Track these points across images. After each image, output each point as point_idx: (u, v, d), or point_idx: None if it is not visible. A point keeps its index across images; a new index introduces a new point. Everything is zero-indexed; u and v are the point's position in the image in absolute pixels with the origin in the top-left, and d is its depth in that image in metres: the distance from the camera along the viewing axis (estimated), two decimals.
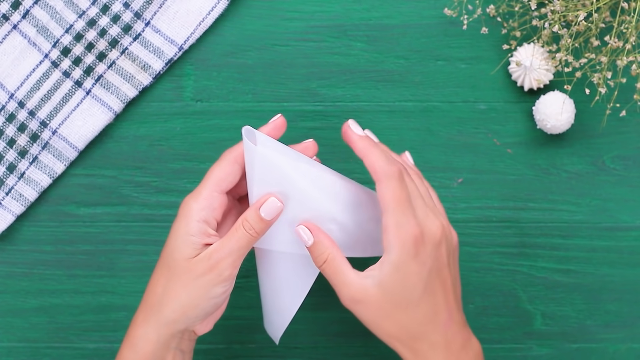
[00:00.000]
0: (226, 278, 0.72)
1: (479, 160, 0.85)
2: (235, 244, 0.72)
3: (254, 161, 0.71)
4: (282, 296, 0.76)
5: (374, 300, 0.71)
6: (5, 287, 0.86)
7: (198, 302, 0.72)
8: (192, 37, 0.85)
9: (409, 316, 0.71)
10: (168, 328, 0.73)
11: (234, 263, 0.72)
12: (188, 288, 0.72)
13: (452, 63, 0.85)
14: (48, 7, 0.84)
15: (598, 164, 0.85)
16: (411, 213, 0.71)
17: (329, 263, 0.72)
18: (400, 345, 0.72)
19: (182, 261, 0.72)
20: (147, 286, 0.75)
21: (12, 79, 0.85)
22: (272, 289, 0.77)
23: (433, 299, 0.71)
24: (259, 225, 0.72)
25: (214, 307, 0.73)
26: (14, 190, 0.85)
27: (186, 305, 0.72)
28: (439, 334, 0.72)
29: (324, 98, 0.85)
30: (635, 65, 0.79)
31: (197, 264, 0.72)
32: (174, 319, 0.73)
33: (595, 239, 0.85)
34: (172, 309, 0.73)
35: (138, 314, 0.74)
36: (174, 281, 0.72)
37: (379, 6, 0.85)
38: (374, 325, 0.72)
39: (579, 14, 0.78)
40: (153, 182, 0.86)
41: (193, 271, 0.72)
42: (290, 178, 0.71)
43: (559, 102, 0.82)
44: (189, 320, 0.73)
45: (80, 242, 0.86)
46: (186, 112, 0.86)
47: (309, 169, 0.72)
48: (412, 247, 0.70)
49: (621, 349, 0.86)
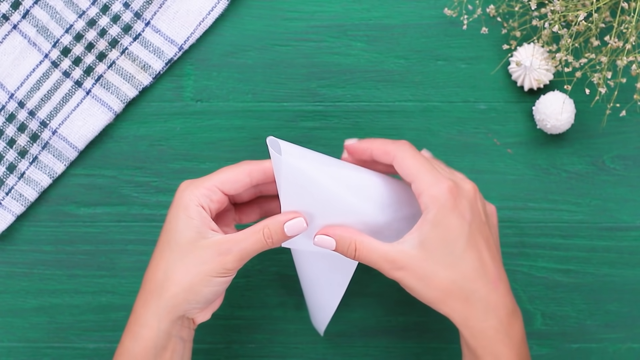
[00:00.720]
0: (229, 271, 0.72)
1: (479, 160, 0.85)
2: (250, 246, 0.72)
3: (280, 170, 0.71)
4: (323, 292, 0.77)
5: (416, 262, 0.69)
6: (5, 287, 0.86)
7: (200, 288, 0.72)
8: (192, 37, 0.85)
9: (455, 271, 0.69)
10: (168, 314, 0.73)
11: (242, 261, 0.72)
12: (191, 273, 0.72)
13: (452, 63, 0.85)
14: (48, 7, 0.84)
15: (598, 164, 0.85)
16: (440, 173, 0.71)
17: (359, 250, 0.71)
18: (452, 311, 0.70)
19: (185, 244, 0.72)
20: (146, 273, 0.74)
21: (12, 79, 0.85)
22: (312, 286, 0.77)
23: (478, 254, 0.70)
24: (278, 237, 0.72)
25: (214, 296, 0.73)
26: (14, 190, 0.85)
27: (187, 290, 0.72)
28: (491, 292, 0.70)
29: (324, 98, 0.85)
30: (635, 65, 0.79)
31: (204, 249, 0.72)
32: (174, 304, 0.72)
33: (595, 239, 0.85)
34: (173, 292, 0.72)
35: (137, 302, 0.74)
36: (177, 265, 0.72)
37: (379, 6, 0.85)
38: (423, 289, 0.70)
39: (579, 14, 0.78)
40: (153, 182, 0.86)
41: (198, 256, 0.72)
42: (318, 184, 0.71)
43: (559, 102, 0.82)
44: (189, 306, 0.73)
45: (80, 242, 0.86)
46: (186, 112, 0.86)
47: (337, 171, 0.72)
48: (449, 199, 0.69)
49: (621, 349, 0.86)
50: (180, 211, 0.72)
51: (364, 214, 0.72)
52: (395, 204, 0.74)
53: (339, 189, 0.71)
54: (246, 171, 0.74)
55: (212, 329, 0.86)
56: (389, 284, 0.86)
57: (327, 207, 0.72)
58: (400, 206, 0.74)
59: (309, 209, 0.72)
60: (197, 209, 0.72)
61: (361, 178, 0.73)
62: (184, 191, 0.73)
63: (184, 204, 0.72)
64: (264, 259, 0.86)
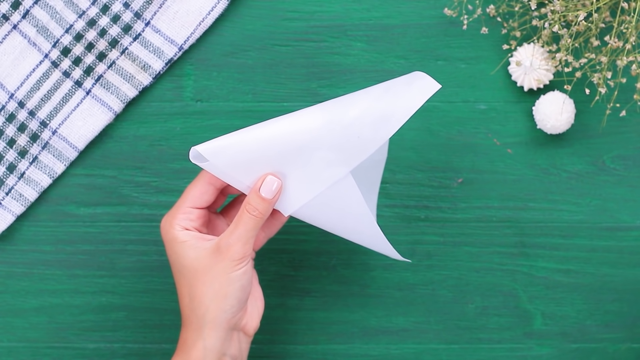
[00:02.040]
0: (240, 260, 0.73)
1: (479, 160, 0.85)
2: (242, 228, 0.73)
3: (218, 170, 0.73)
4: (357, 222, 0.76)
5: None
6: (5, 287, 0.86)
7: (225, 291, 0.73)
8: (192, 37, 0.85)
9: None
10: (210, 330, 0.73)
11: (244, 246, 0.73)
12: (208, 282, 0.73)
13: (452, 63, 0.85)
14: (48, 7, 0.84)
15: (598, 164, 0.85)
16: None
17: None
18: None
19: (192, 264, 0.73)
20: (179, 304, 0.76)
21: (12, 79, 0.85)
22: (345, 227, 0.76)
23: None
24: (262, 205, 0.73)
25: (242, 292, 0.74)
26: (14, 190, 0.85)
27: (215, 299, 0.73)
28: None
29: (324, 98, 0.85)
30: (635, 65, 0.79)
31: (208, 258, 0.73)
32: (212, 319, 0.73)
33: (596, 239, 0.85)
34: (205, 308, 0.73)
35: (181, 333, 0.75)
36: (195, 284, 0.73)
37: (379, 6, 0.85)
38: None
39: (579, 14, 0.78)
40: (153, 182, 0.86)
41: (207, 265, 0.73)
42: (255, 148, 0.72)
43: (559, 102, 0.82)
44: (227, 315, 0.73)
45: (80, 242, 0.86)
46: (186, 112, 0.86)
47: (262, 127, 0.73)
48: None
49: (621, 349, 0.86)
50: (172, 243, 0.74)
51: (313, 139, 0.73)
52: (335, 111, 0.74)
53: (273, 133, 0.72)
54: (206, 181, 0.75)
55: None
56: (388, 284, 0.86)
57: (275, 156, 0.73)
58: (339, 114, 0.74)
59: (266, 170, 0.73)
60: (183, 232, 0.74)
61: (286, 118, 0.73)
62: (164, 226, 0.75)
63: (171, 236, 0.74)
64: (264, 258, 0.86)
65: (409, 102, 0.72)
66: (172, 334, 0.86)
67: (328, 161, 0.73)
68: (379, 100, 0.73)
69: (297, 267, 0.85)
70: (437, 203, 0.85)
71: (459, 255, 0.85)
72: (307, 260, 0.81)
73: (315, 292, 0.83)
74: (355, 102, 0.73)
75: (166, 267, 0.86)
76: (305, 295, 0.80)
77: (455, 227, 0.85)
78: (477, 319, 0.86)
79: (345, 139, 0.73)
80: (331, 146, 0.73)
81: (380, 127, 0.72)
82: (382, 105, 0.73)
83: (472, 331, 0.85)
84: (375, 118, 0.72)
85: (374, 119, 0.72)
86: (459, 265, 0.85)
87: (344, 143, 0.73)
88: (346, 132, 0.73)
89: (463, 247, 0.85)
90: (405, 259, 0.79)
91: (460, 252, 0.85)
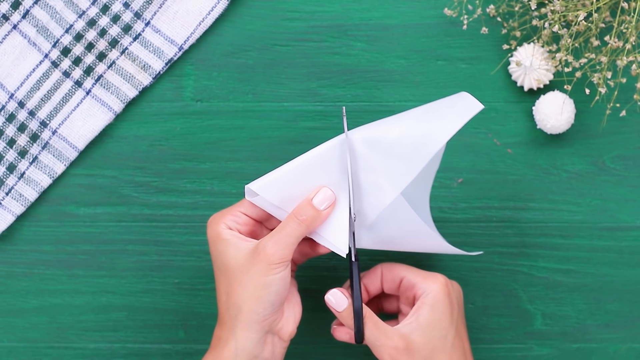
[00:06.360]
0: (277, 265, 0.73)
1: (479, 160, 0.85)
2: (284, 231, 0.73)
3: (271, 206, 0.75)
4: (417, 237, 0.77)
5: (417, 346, 0.74)
6: (5, 287, 0.86)
7: (259, 293, 0.73)
8: (192, 37, 0.85)
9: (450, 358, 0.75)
10: (242, 330, 0.74)
11: (283, 250, 0.73)
12: (244, 283, 0.73)
13: (452, 63, 0.85)
14: (48, 7, 0.84)
15: (598, 164, 0.85)
16: None
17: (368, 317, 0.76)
18: None
19: (231, 264, 0.74)
20: (216, 301, 0.76)
21: (12, 79, 0.85)
22: (406, 244, 0.77)
23: (462, 343, 0.76)
24: (311, 212, 0.74)
25: (277, 297, 0.74)
26: (14, 190, 0.85)
27: (249, 300, 0.73)
28: None
29: (324, 98, 0.85)
30: (635, 65, 0.79)
31: (246, 258, 0.73)
32: (243, 319, 0.73)
33: (596, 239, 0.85)
34: (238, 309, 0.73)
35: (215, 330, 0.76)
36: (232, 284, 0.74)
37: (379, 6, 0.85)
38: None
39: (579, 14, 0.78)
40: (153, 182, 0.86)
41: (244, 265, 0.73)
42: (298, 177, 0.74)
43: (559, 102, 0.82)
44: (258, 317, 0.73)
45: (81, 242, 0.86)
46: (186, 112, 0.86)
47: (307, 160, 0.74)
48: (445, 287, 0.76)
49: (621, 349, 0.86)
50: (215, 240, 0.75)
51: None
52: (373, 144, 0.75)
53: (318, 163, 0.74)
54: None
55: (213, 330, 0.86)
56: None
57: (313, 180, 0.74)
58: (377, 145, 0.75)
59: None
60: (227, 231, 0.75)
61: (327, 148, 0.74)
62: (211, 223, 0.76)
63: (215, 233, 0.75)
64: None
65: (450, 122, 0.73)
66: (172, 334, 0.86)
67: (377, 185, 0.74)
68: (420, 120, 0.74)
69: (298, 267, 0.85)
70: (437, 203, 0.85)
71: (459, 254, 0.85)
72: (307, 260, 0.81)
73: (315, 292, 0.83)
74: (396, 123, 0.74)
75: (166, 267, 0.86)
76: (306, 295, 0.80)
77: (456, 227, 0.85)
78: (478, 319, 0.86)
79: (391, 161, 0.74)
80: (377, 169, 0.73)
81: (420, 147, 0.73)
82: (423, 126, 0.74)
83: (472, 331, 0.85)
84: (416, 139, 0.73)
85: (414, 140, 0.73)
86: (459, 266, 0.85)
87: (389, 165, 0.74)
88: (390, 153, 0.73)
89: (463, 247, 0.85)
90: (476, 253, 0.81)
91: None
